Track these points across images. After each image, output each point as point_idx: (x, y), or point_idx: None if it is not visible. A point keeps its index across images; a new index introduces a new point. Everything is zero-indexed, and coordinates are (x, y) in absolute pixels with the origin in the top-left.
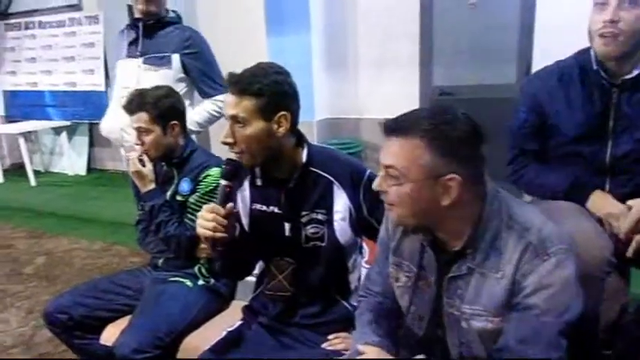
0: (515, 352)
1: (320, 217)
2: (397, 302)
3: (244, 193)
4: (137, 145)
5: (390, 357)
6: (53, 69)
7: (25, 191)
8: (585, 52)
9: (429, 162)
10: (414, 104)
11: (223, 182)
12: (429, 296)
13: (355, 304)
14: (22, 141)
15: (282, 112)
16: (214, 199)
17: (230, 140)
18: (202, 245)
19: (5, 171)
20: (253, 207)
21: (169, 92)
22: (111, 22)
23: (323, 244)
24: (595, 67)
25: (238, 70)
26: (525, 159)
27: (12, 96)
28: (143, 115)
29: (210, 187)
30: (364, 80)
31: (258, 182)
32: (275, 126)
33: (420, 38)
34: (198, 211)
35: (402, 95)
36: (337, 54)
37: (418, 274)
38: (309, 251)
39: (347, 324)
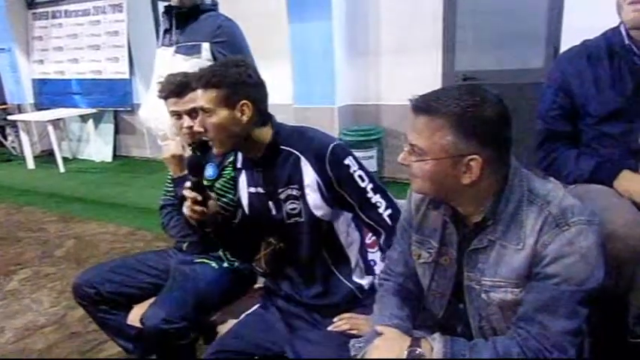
0: (533, 320)
1: (294, 192)
2: (418, 283)
3: (242, 178)
4: (188, 127)
5: (407, 337)
6: (79, 57)
7: (55, 177)
8: (614, 30)
9: (451, 142)
10: None
11: (192, 178)
12: (450, 272)
13: (357, 280)
14: (50, 128)
15: (243, 101)
16: (229, 186)
17: (201, 129)
18: None
19: (36, 157)
20: (249, 190)
21: None
22: (134, 10)
23: (302, 220)
24: (627, 41)
25: (262, 57)
26: (555, 143)
27: (41, 84)
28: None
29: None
30: (385, 66)
31: (238, 165)
32: (238, 114)
33: (443, 22)
34: (223, 196)
35: (424, 81)
36: (359, 40)
37: (439, 250)
38: (291, 228)
39: (351, 304)
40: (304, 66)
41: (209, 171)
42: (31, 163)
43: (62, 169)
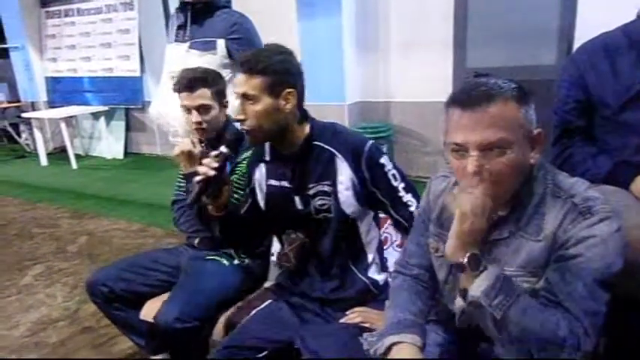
0: (550, 292)
1: (326, 188)
2: (433, 276)
3: (261, 170)
4: (197, 123)
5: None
6: (91, 55)
7: (68, 174)
8: (633, 22)
9: (527, 119)
10: (447, 87)
11: (224, 149)
12: None
13: (373, 276)
14: (63, 126)
15: (288, 89)
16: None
17: (242, 117)
18: None
19: (49, 154)
20: (268, 183)
21: (218, 72)
22: (145, 8)
23: (331, 216)
24: None
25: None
26: (571, 139)
27: (54, 82)
28: (206, 92)
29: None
30: (395, 63)
31: (267, 157)
32: (282, 102)
33: (455, 18)
34: (236, 192)
35: (434, 78)
36: (368, 36)
37: None
38: (319, 223)
39: (365, 297)
40: (313, 63)
41: None
42: (44, 160)
43: (75, 166)
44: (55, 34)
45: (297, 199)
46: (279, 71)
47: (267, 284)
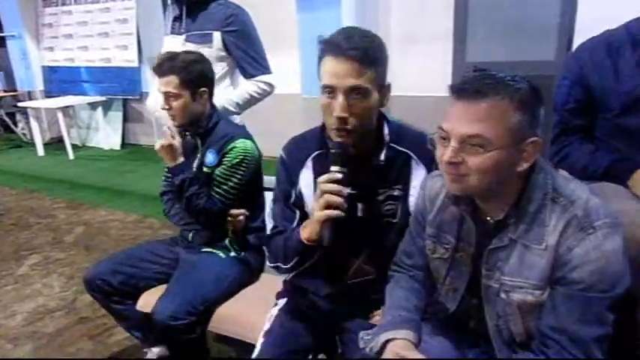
0: (563, 329)
1: (396, 193)
2: (429, 276)
3: (307, 174)
4: (164, 109)
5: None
6: (89, 45)
7: (64, 164)
8: (638, 19)
9: (518, 124)
10: (446, 81)
11: (336, 168)
12: (465, 268)
13: None
14: (60, 116)
15: (388, 83)
16: (240, 172)
17: (345, 114)
18: (229, 218)
19: (45, 144)
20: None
21: (199, 57)
22: None
23: (395, 221)
24: None
25: (270, 47)
26: (569, 137)
27: (50, 72)
28: (173, 79)
29: (237, 160)
30: (395, 57)
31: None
32: (381, 97)
33: (455, 12)
34: (224, 183)
35: (433, 72)
36: (368, 30)
37: (456, 246)
38: (381, 229)
39: None
40: (313, 55)
41: (209, 157)
42: (40, 150)
43: (71, 157)
44: (52, 22)
45: (359, 205)
46: (385, 63)
47: (264, 276)
